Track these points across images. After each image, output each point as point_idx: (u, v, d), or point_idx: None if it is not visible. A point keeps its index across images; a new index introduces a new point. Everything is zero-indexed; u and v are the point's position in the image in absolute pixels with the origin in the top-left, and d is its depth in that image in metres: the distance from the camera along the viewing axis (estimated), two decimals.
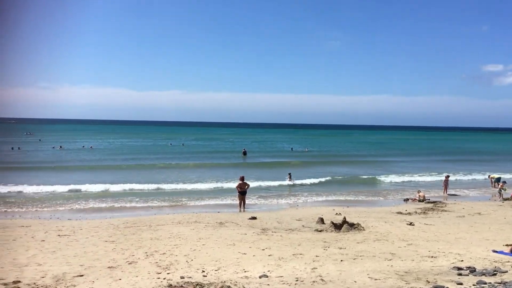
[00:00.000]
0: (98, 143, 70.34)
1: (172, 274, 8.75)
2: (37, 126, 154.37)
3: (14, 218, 16.96)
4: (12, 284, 8.15)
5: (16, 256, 10.50)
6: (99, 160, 42.01)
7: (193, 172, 33.84)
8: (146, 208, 20.33)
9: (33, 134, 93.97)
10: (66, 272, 9.02)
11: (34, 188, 24.32)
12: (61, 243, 12.15)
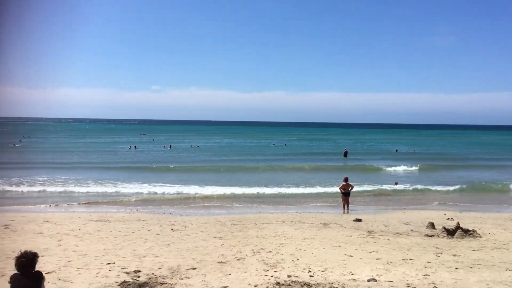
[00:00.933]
0: (205, 142, 73.61)
1: (279, 272, 8.88)
2: (149, 127, 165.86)
3: (132, 213, 18.32)
4: (133, 273, 8.83)
5: (135, 248, 11.36)
6: (205, 161, 43.54)
7: (295, 174, 33.95)
8: (250, 206, 20.85)
9: (146, 134, 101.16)
10: (180, 264, 9.57)
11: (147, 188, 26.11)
12: (174, 237, 12.90)
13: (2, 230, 13.58)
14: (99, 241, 12.17)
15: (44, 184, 26.35)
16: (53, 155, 45.36)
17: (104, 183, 26.97)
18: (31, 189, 24.81)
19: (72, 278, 8.46)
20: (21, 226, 14.18)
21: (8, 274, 8.66)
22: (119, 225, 14.70)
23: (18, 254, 5.53)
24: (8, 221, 15.12)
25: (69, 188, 25.22)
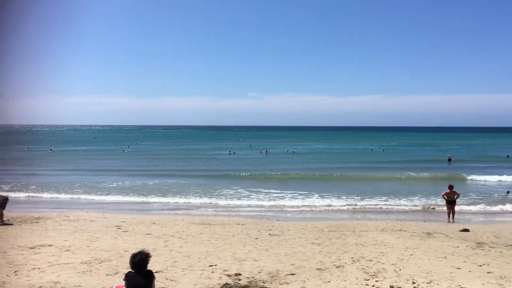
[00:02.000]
0: (300, 148, 73.70)
1: (380, 282, 8.60)
2: (246, 133, 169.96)
3: (231, 217, 18.85)
4: (234, 276, 9.08)
5: (235, 251, 11.67)
6: (300, 169, 43.25)
7: (393, 182, 32.68)
8: (347, 212, 20.45)
9: (243, 140, 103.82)
10: (279, 269, 9.66)
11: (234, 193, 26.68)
12: (272, 241, 13.05)
13: (115, 230, 14.70)
14: (201, 243, 12.69)
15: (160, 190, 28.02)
16: (160, 162, 48.16)
17: (204, 192, 28.06)
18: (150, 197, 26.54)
19: (178, 278, 8.91)
20: (131, 227, 15.24)
21: (121, 271, 9.36)
22: (219, 229, 15.21)
23: (133, 253, 5.94)
24: (120, 222, 16.34)
25: (175, 196, 26.57)
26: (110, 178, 32.69)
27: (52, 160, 49.08)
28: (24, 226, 15.38)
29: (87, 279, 8.79)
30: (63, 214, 18.10)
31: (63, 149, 68.87)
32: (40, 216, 17.49)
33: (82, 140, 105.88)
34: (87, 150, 68.17)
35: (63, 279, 8.74)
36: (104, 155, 57.33)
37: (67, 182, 30.54)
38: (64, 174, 35.41)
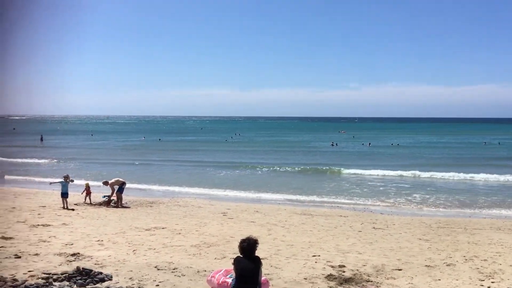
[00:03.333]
0: (405, 140, 70.73)
1: (497, 284, 8.02)
2: (347, 124, 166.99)
3: (332, 208, 18.70)
4: (338, 267, 9.02)
5: (338, 243, 11.58)
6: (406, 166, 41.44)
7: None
8: (457, 208, 19.23)
9: (345, 132, 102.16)
10: (384, 264, 9.41)
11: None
12: (377, 235, 12.73)
13: (221, 217, 15.33)
14: (303, 233, 12.77)
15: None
16: (261, 153, 49.10)
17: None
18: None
19: (282, 266, 9.07)
20: (236, 215, 15.79)
21: (228, 256, 9.76)
22: (322, 220, 15.17)
23: (242, 239, 6.15)
24: (225, 209, 17.00)
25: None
26: (215, 169, 33.96)
27: (161, 149, 51.94)
28: (140, 210, 16.63)
29: (197, 261, 9.29)
30: (173, 200, 19.25)
31: (170, 139, 73.09)
32: (153, 201, 18.78)
33: (189, 130, 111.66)
34: (193, 140, 71.63)
35: (175, 260, 9.33)
36: (208, 145, 59.74)
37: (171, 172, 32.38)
38: (170, 164, 37.21)
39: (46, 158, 38.81)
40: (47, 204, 16.93)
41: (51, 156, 40.62)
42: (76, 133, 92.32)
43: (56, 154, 43.14)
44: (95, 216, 14.99)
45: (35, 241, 10.92)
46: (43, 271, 8.04)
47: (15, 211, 15.34)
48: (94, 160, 38.67)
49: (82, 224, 13.50)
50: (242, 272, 5.96)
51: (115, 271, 8.32)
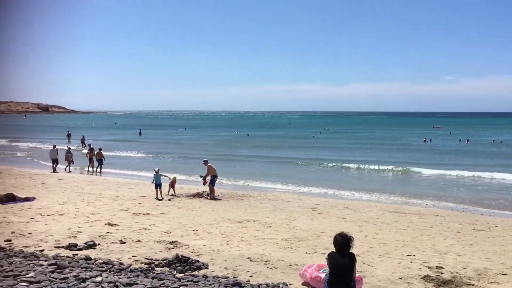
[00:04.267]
0: (507, 137, 65.56)
1: None
2: (443, 120, 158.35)
3: (428, 207, 17.87)
4: (436, 268, 8.63)
5: (434, 243, 11.07)
6: None
7: None
8: None
9: (440, 127, 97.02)
10: (487, 267, 8.84)
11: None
12: (477, 237, 12.00)
13: (310, 212, 15.32)
14: (397, 232, 12.37)
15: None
16: (350, 149, 48.22)
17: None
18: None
19: (375, 264, 8.86)
20: (325, 210, 15.68)
21: (319, 251, 9.74)
22: (416, 218, 14.59)
23: (337, 235, 6.11)
24: (314, 204, 16.95)
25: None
26: (301, 165, 33.92)
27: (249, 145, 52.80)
28: (231, 202, 17.10)
29: (288, 255, 9.38)
30: (263, 194, 19.55)
31: (259, 134, 74.20)
32: (244, 194, 19.22)
33: (277, 125, 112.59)
34: (281, 135, 72.04)
35: (267, 252, 9.49)
36: (296, 140, 59.70)
37: (258, 167, 32.82)
38: (258, 160, 37.44)
39: (143, 151, 41.26)
40: (147, 194, 17.99)
41: (148, 149, 43.12)
42: (170, 127, 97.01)
43: (152, 148, 45.72)
44: (190, 207, 15.68)
45: (137, 228, 11.68)
46: (146, 257, 8.58)
47: (119, 199, 16.51)
48: (185, 154, 40.16)
49: (178, 214, 14.20)
50: (336, 267, 5.92)
51: (211, 260, 8.66)
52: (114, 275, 6.92)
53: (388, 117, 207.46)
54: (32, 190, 17.88)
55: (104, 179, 23.65)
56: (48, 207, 14.36)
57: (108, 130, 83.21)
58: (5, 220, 11.95)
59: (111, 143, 51.15)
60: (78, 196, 16.99)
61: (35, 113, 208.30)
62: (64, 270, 6.98)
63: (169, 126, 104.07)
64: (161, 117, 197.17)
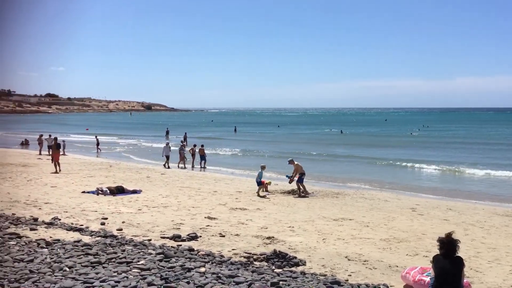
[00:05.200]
0: None
1: None
2: None
3: None
4: None
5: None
6: None
7: None
8: None
9: None
10: None
11: None
12: None
13: (409, 212, 14.71)
14: (507, 237, 11.47)
15: None
16: (454, 149, 45.50)
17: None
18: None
19: (484, 270, 8.31)
20: (426, 211, 14.95)
21: (420, 254, 9.36)
22: None
23: (442, 237, 5.81)
24: (414, 204, 16.24)
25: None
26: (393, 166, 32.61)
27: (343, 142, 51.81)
28: (326, 200, 16.96)
29: (388, 256, 9.11)
30: (358, 192, 19.14)
31: (353, 131, 72.75)
32: (339, 192, 18.95)
33: (372, 122, 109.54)
34: (375, 133, 69.83)
35: (365, 252, 9.30)
36: (391, 139, 57.39)
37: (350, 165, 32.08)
38: (350, 159, 36.78)
39: (238, 148, 42.31)
40: (243, 190, 18.46)
41: (243, 147, 44.17)
42: (264, 125, 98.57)
43: (246, 145, 46.75)
44: (285, 204, 15.82)
45: (235, 222, 12.05)
46: (244, 251, 8.83)
47: (217, 194, 17.13)
48: (278, 151, 40.28)
49: (274, 210, 14.40)
50: (441, 271, 5.63)
51: (308, 257, 8.68)
52: (216, 267, 7.21)
53: (496, 114, 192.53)
54: (139, 183, 19.16)
55: (203, 175, 24.66)
56: (153, 199, 15.31)
57: (205, 127, 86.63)
58: (116, 211, 12.96)
59: (207, 140, 53.19)
60: (180, 190, 17.90)
61: (139, 111, 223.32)
62: (171, 259, 7.41)
63: (264, 124, 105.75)
64: (257, 115, 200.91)
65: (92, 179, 19.92)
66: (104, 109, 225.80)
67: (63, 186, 17.68)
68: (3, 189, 16.09)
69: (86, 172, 22.78)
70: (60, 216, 11.49)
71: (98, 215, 12.08)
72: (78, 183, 18.71)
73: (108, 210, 12.95)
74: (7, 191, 15.52)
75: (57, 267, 6.67)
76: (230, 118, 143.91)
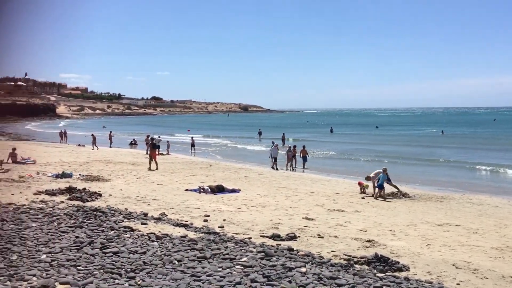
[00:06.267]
0: None
1: None
2: None
3: None
4: None
5: None
6: None
7: None
8: None
9: None
10: None
11: None
12: None
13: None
14: None
15: None
16: None
17: None
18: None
19: None
20: None
21: None
22: None
23: None
24: None
25: None
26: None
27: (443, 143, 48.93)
28: (429, 204, 16.16)
29: (501, 265, 8.47)
30: (465, 196, 17.99)
31: (456, 132, 68.47)
32: (443, 195, 17.96)
33: (478, 122, 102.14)
34: (482, 134, 64.76)
35: (475, 261, 8.74)
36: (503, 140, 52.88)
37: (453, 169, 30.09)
38: (453, 165, 33.96)
39: (335, 150, 41.75)
40: (340, 191, 18.23)
41: (339, 148, 43.56)
42: (361, 126, 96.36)
43: (343, 146, 46.04)
44: (385, 207, 15.36)
45: (333, 224, 11.95)
46: (344, 253, 8.72)
47: (314, 195, 17.10)
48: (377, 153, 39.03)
49: (373, 212, 14.04)
50: None
51: (411, 262, 8.36)
52: (316, 268, 7.22)
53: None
54: (238, 182, 19.73)
55: (299, 175, 24.74)
56: (252, 198, 15.68)
57: (300, 128, 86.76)
58: (217, 209, 13.47)
59: (302, 142, 53.19)
60: (277, 190, 18.13)
61: (236, 112, 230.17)
62: (272, 258, 7.55)
63: (361, 124, 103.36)
64: (352, 115, 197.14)
65: (194, 178, 20.89)
66: (203, 111, 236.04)
67: (168, 184, 18.74)
68: (116, 185, 17.46)
69: (188, 171, 23.93)
70: (166, 212, 12.20)
71: (201, 212, 12.64)
72: (182, 181, 19.72)
73: (209, 208, 13.50)
74: (120, 188, 16.81)
75: (167, 260, 7.12)
76: (325, 119, 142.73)
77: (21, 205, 11.93)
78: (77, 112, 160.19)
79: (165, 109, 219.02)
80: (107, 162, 26.52)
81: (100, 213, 10.97)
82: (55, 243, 8.04)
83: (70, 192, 14.18)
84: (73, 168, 22.57)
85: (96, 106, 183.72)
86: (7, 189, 15.04)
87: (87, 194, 14.18)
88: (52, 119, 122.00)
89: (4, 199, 12.68)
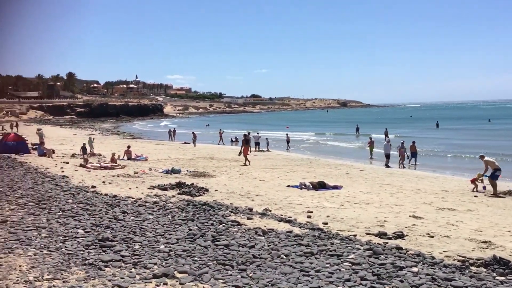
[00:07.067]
0: None
1: None
2: None
3: None
4: None
5: None
6: None
7: None
8: None
9: None
10: None
11: None
12: None
13: None
14: None
15: None
16: None
17: None
18: None
19: None
20: None
21: None
22: None
23: None
24: None
25: None
26: None
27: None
28: None
29: None
30: None
31: None
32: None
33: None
34: None
35: None
36: None
37: None
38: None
39: (443, 146, 39.54)
40: (449, 189, 17.25)
41: (447, 143, 41.14)
42: (471, 119, 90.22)
43: (451, 142, 43.38)
44: (502, 206, 14.26)
45: (443, 223, 11.33)
46: (458, 254, 8.25)
47: (420, 192, 16.37)
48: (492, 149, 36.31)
49: (487, 212, 13.11)
50: None
51: None
52: (428, 268, 6.92)
53: None
54: (339, 179, 19.50)
55: (403, 172, 23.85)
56: (354, 195, 15.40)
57: (403, 123, 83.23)
58: (320, 205, 13.43)
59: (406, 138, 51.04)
60: (380, 187, 17.63)
61: (335, 108, 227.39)
62: (380, 256, 7.38)
63: (470, 118, 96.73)
64: (462, 108, 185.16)
65: (295, 174, 21.03)
66: (301, 107, 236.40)
67: (270, 180, 19.06)
68: (221, 181, 18.16)
69: (289, 167, 24.14)
70: (270, 208, 12.44)
71: (303, 208, 12.69)
72: (283, 177, 19.95)
73: (312, 204, 13.50)
74: (224, 183, 17.45)
75: (275, 254, 7.28)
76: (431, 113, 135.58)
77: (138, 198, 12.95)
78: (181, 111, 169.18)
79: (264, 107, 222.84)
80: (211, 159, 27.69)
81: (209, 207, 11.51)
82: (170, 234, 8.61)
83: (180, 187, 15.04)
84: (181, 164, 23.87)
85: (199, 105, 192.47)
86: (125, 183, 16.38)
87: (195, 189, 14.94)
88: (160, 118, 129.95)
89: (124, 193, 13.85)
